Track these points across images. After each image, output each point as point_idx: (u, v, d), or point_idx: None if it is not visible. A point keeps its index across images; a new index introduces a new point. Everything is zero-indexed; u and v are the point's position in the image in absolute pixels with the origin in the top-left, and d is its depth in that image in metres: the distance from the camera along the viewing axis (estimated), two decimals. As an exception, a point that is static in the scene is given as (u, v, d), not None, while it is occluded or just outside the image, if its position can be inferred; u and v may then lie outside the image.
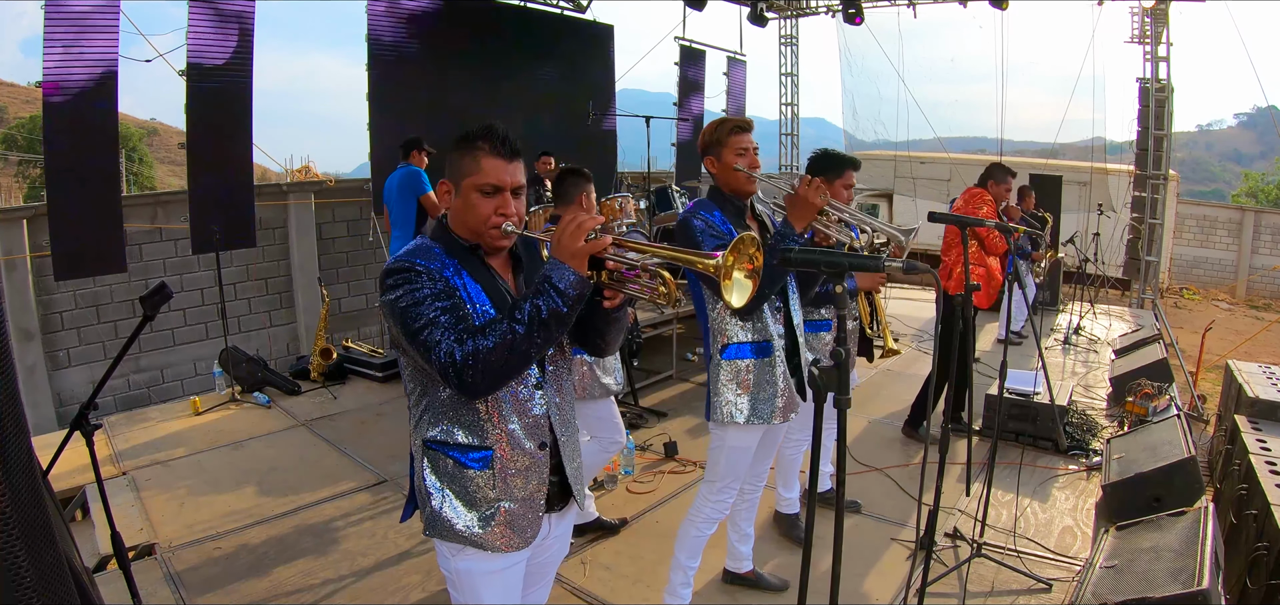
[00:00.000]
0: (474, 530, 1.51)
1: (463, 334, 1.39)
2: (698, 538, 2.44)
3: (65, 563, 1.18)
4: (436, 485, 1.53)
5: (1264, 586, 2.62)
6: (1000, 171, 4.28)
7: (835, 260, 1.57)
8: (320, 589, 2.85)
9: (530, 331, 1.37)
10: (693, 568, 2.48)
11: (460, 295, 1.47)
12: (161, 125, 40.66)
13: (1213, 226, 16.12)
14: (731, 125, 2.25)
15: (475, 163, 1.49)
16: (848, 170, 2.90)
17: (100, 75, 4.94)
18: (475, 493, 1.52)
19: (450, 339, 1.38)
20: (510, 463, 1.53)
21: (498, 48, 7.90)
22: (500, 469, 1.52)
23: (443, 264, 1.49)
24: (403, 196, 4.98)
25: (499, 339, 1.37)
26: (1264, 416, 3.76)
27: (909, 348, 6.41)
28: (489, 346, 1.37)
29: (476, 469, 1.51)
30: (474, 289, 1.50)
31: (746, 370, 2.27)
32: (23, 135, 26.23)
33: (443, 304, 1.42)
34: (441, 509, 1.52)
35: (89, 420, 2.11)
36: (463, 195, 1.51)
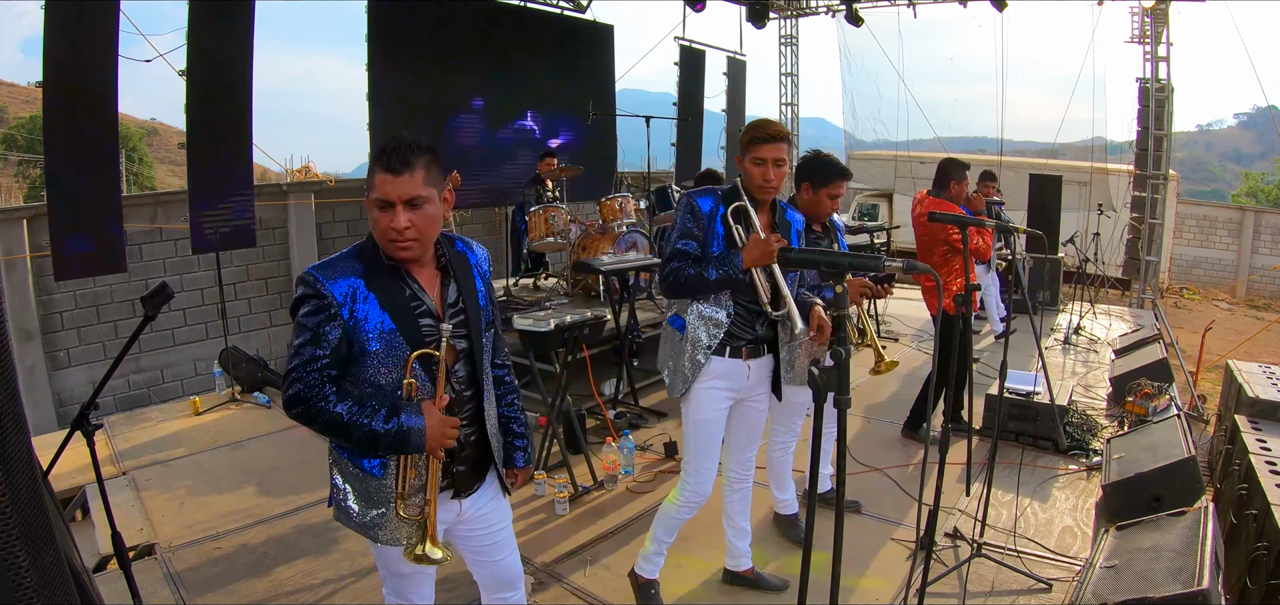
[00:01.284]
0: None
1: (309, 376, 1.53)
2: (676, 519, 2.55)
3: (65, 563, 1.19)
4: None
5: (1264, 586, 2.62)
6: (956, 168, 4.05)
7: (835, 260, 1.57)
8: (320, 589, 2.85)
9: (365, 442, 1.55)
10: (667, 542, 2.60)
11: (334, 327, 1.54)
12: (161, 125, 40.65)
13: (1213, 226, 16.12)
14: (760, 134, 2.33)
15: (371, 179, 1.55)
16: (836, 180, 2.93)
17: (100, 75, 4.94)
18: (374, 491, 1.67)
19: (293, 379, 1.54)
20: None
21: (498, 48, 7.90)
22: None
23: (352, 286, 1.56)
24: None
25: (334, 416, 1.53)
26: (1264, 416, 3.77)
27: (908, 348, 6.41)
28: (327, 412, 1.52)
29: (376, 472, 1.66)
30: (371, 312, 1.57)
31: (671, 338, 2.44)
32: (23, 135, 26.21)
33: (308, 337, 1.54)
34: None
35: (89, 420, 2.11)
36: (368, 211, 1.58)
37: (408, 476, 1.62)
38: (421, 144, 1.55)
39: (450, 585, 2.75)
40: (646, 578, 2.66)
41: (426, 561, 1.57)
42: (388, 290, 1.58)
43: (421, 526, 1.59)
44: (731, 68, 11.08)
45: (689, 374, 2.37)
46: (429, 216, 1.55)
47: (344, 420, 1.51)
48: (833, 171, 2.94)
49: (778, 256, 2.27)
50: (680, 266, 2.32)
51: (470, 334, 1.69)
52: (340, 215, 8.36)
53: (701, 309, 2.37)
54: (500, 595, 1.92)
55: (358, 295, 1.56)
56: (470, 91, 7.67)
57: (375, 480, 1.64)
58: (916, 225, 4.08)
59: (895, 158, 12.12)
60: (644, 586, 2.66)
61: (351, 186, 8.69)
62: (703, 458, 2.45)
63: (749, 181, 2.35)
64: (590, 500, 3.56)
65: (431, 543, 1.58)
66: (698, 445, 2.44)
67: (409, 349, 1.58)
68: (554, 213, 5.28)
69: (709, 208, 2.35)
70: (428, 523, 1.59)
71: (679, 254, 2.33)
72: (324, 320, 1.53)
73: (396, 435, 1.52)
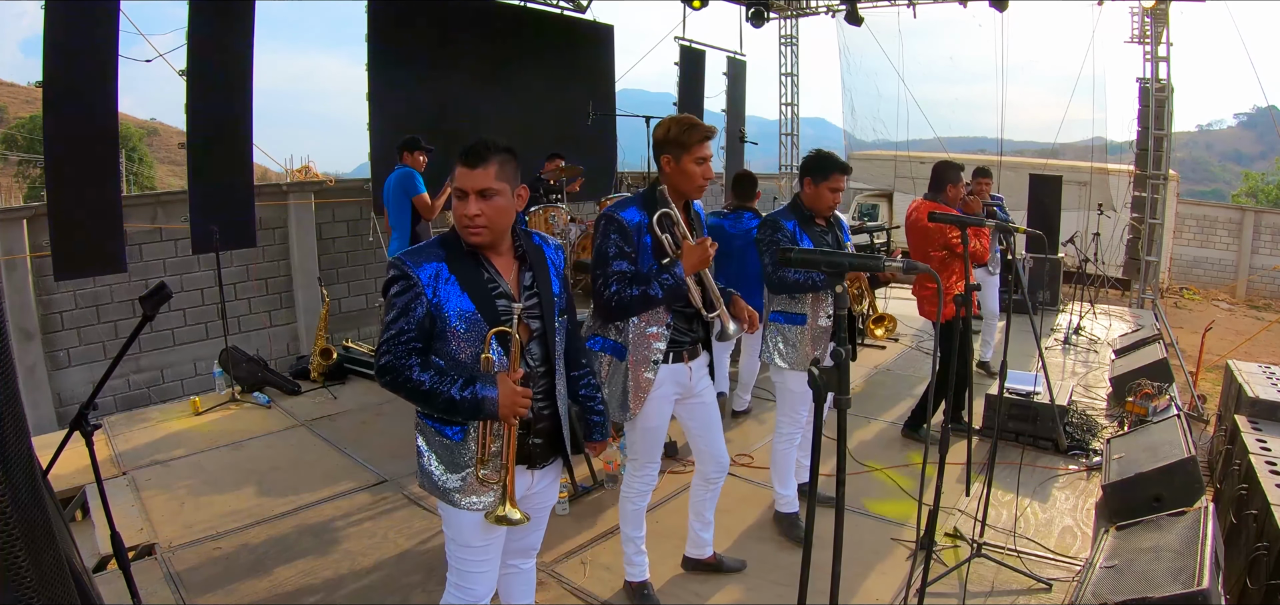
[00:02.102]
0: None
1: (397, 348, 1.72)
2: (636, 511, 2.61)
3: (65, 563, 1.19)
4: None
5: (1264, 586, 2.62)
6: (951, 171, 4.01)
7: (835, 260, 1.58)
8: (320, 589, 2.85)
9: (445, 407, 1.72)
10: (640, 537, 2.66)
11: (420, 304, 1.73)
12: (161, 125, 40.64)
13: (1213, 226, 16.11)
14: (701, 133, 2.32)
15: (454, 171, 1.77)
16: (835, 174, 3.01)
17: (100, 75, 4.93)
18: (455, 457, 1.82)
19: (384, 350, 1.72)
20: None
21: (498, 48, 7.89)
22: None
23: (436, 268, 1.75)
24: (397, 197, 4.98)
25: (417, 383, 1.70)
26: (1264, 416, 3.76)
27: (909, 347, 6.41)
28: (411, 380, 1.70)
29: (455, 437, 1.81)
30: (453, 293, 1.75)
31: (605, 364, 2.41)
32: (23, 135, 26.20)
33: (400, 316, 1.72)
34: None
35: (89, 420, 2.10)
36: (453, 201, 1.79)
37: (487, 443, 1.78)
38: (499, 145, 1.77)
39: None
40: (637, 581, 2.69)
41: (506, 522, 1.73)
42: (468, 274, 1.77)
43: (500, 490, 1.76)
44: (731, 68, 11.07)
45: (642, 391, 2.38)
46: (500, 208, 1.76)
47: (426, 388, 1.69)
48: (831, 165, 3.00)
49: (779, 256, 2.28)
50: (621, 289, 2.28)
51: (543, 316, 1.86)
52: (340, 215, 8.35)
53: (641, 326, 2.37)
54: (516, 562, 2.08)
55: (441, 277, 1.75)
56: (470, 91, 7.67)
57: (456, 446, 1.80)
58: (910, 233, 4.05)
59: (895, 158, 12.12)
60: (637, 589, 2.69)
61: (352, 186, 8.68)
62: (650, 458, 2.57)
63: (687, 182, 2.34)
64: (590, 500, 3.56)
65: (511, 505, 1.74)
66: (646, 448, 2.54)
67: (487, 326, 1.76)
68: (554, 213, 5.27)
69: (636, 220, 2.32)
70: (506, 487, 1.75)
71: (618, 276, 2.28)
72: (411, 299, 1.72)
73: (472, 402, 1.69)
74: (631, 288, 2.28)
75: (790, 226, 3.01)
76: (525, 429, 1.83)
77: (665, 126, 2.36)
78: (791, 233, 3.00)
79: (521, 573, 2.11)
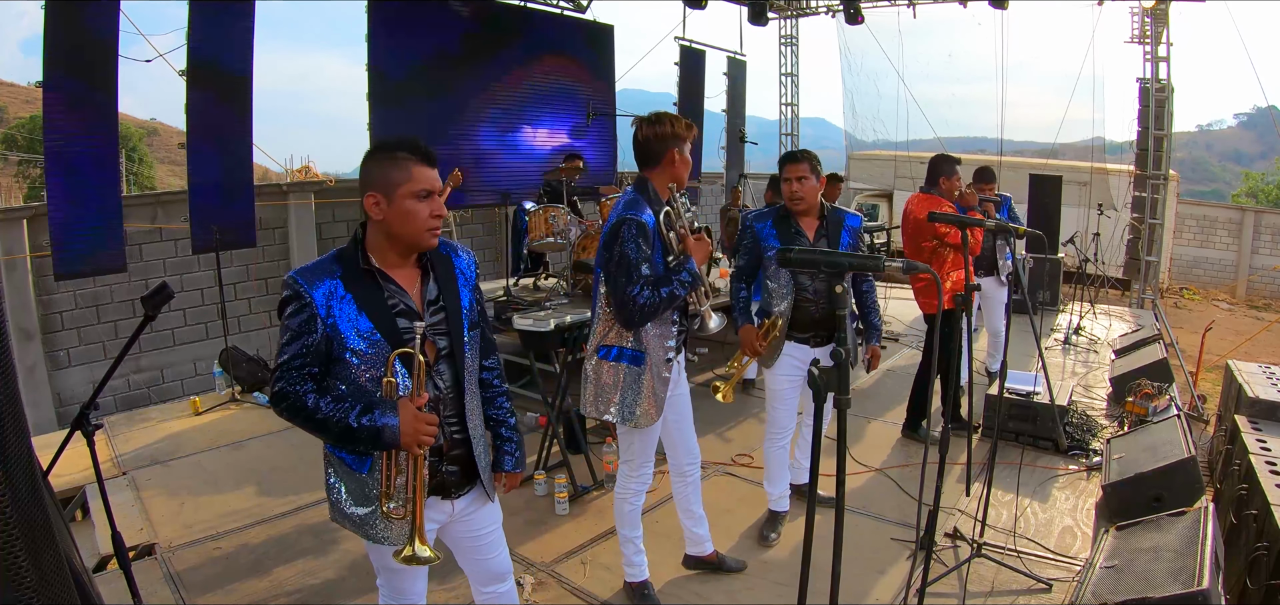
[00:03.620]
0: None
1: (290, 373, 1.59)
2: (632, 511, 2.62)
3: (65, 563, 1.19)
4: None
5: (1264, 586, 2.62)
6: (946, 164, 4.03)
7: (835, 260, 1.58)
8: (320, 589, 2.85)
9: (342, 438, 1.60)
10: (637, 537, 2.66)
11: (319, 327, 1.59)
12: (161, 125, 40.61)
13: (1213, 226, 16.11)
14: (688, 126, 2.40)
15: (406, 172, 1.61)
16: (787, 165, 2.92)
17: (100, 75, 4.93)
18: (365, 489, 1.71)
19: (277, 377, 1.60)
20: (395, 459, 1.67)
21: (498, 47, 7.89)
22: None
23: (330, 286, 1.61)
24: None
25: (311, 411, 1.58)
26: (1264, 416, 3.76)
27: (909, 348, 6.41)
28: (305, 408, 1.58)
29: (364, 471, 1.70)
30: (349, 312, 1.61)
31: (617, 372, 2.42)
32: (23, 135, 26.18)
33: (293, 341, 1.60)
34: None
35: (89, 420, 2.11)
36: (396, 203, 1.61)
37: (392, 475, 1.64)
38: None
39: (449, 585, 2.75)
40: (637, 581, 2.68)
41: (415, 562, 1.58)
42: (365, 291, 1.63)
43: (410, 525, 1.60)
44: (731, 68, 11.07)
45: (660, 394, 2.41)
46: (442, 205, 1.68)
47: (320, 416, 1.57)
48: (783, 159, 2.99)
49: (779, 256, 2.29)
50: (651, 294, 2.28)
51: (451, 333, 1.71)
52: (340, 215, 8.35)
53: (658, 329, 2.39)
54: (490, 588, 1.95)
55: (335, 295, 1.61)
56: (470, 91, 7.66)
57: (363, 477, 1.68)
58: (904, 227, 4.09)
59: (895, 158, 12.12)
60: (637, 589, 2.68)
61: (351, 186, 8.67)
62: (646, 459, 2.58)
63: (674, 176, 2.39)
64: (590, 500, 3.56)
65: (420, 542, 1.59)
66: (643, 449, 2.56)
67: (389, 348, 1.62)
68: (554, 213, 5.26)
69: (652, 221, 2.33)
70: (416, 522, 1.60)
71: (645, 280, 2.27)
72: (305, 321, 1.58)
73: (371, 431, 1.56)
74: (658, 290, 2.29)
75: (759, 227, 2.99)
76: (437, 456, 1.70)
77: (671, 121, 2.38)
78: (760, 234, 2.99)
79: (501, 597, 1.97)
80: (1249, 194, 27.94)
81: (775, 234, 2.95)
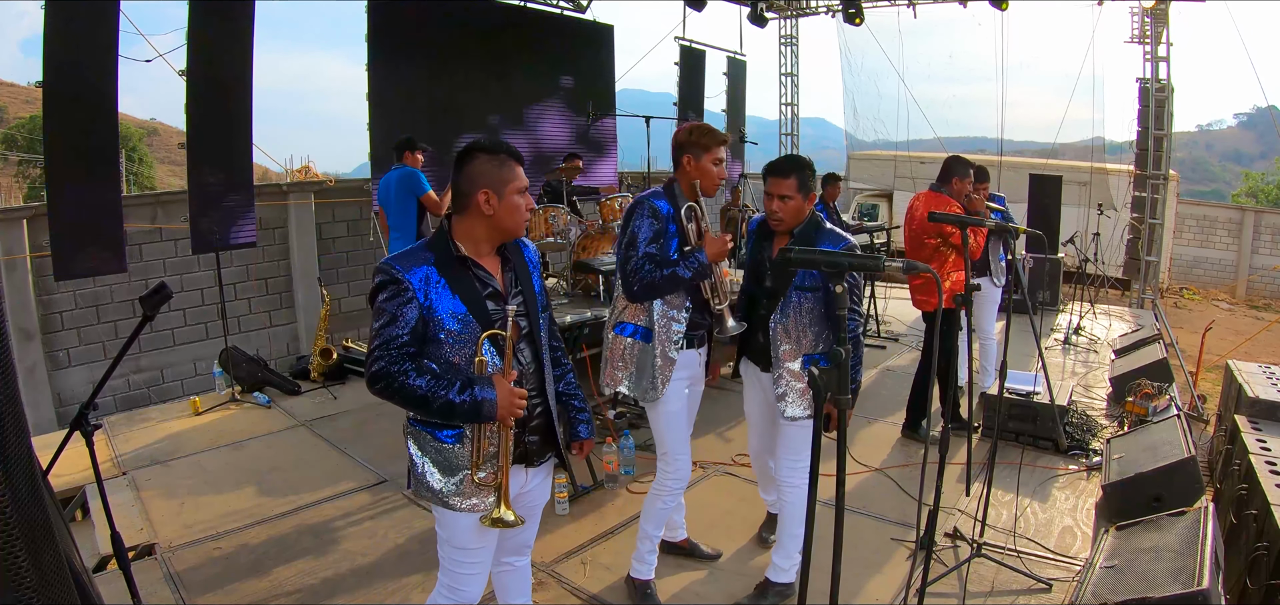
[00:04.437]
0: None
1: (391, 353, 1.70)
2: (663, 510, 2.64)
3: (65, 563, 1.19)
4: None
5: (1264, 586, 2.62)
6: (960, 166, 4.00)
7: (835, 260, 1.58)
8: (320, 589, 2.85)
9: (442, 411, 1.72)
10: (657, 537, 2.69)
11: (411, 308, 1.71)
12: (161, 125, 40.65)
13: (1213, 226, 16.11)
14: (719, 136, 2.49)
15: (514, 172, 1.80)
16: (769, 177, 2.54)
17: (100, 75, 4.93)
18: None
19: (376, 357, 1.71)
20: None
21: (498, 48, 7.89)
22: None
23: (426, 272, 1.74)
24: (401, 197, 4.98)
25: (413, 388, 1.70)
26: (1264, 416, 3.76)
27: (909, 348, 6.41)
28: (407, 386, 1.70)
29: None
30: (444, 296, 1.75)
31: (630, 348, 2.52)
32: (23, 135, 26.20)
33: (391, 323, 1.71)
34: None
35: (89, 420, 2.10)
36: (505, 199, 1.79)
37: (483, 446, 1.79)
38: None
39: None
40: (642, 579, 2.69)
41: (501, 524, 1.73)
42: (457, 277, 1.77)
43: (496, 492, 1.77)
44: (731, 68, 11.07)
45: (665, 373, 2.48)
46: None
47: (422, 392, 1.69)
48: (765, 171, 2.66)
49: (779, 256, 2.30)
50: (652, 269, 2.39)
51: (529, 314, 1.89)
52: (340, 215, 8.36)
53: (665, 309, 2.47)
54: (510, 559, 2.09)
55: (431, 280, 1.74)
56: (470, 91, 7.66)
57: (451, 449, 1.80)
58: (906, 224, 4.09)
59: (895, 158, 12.12)
60: (640, 587, 2.69)
61: (351, 186, 8.69)
62: (680, 445, 2.59)
63: (705, 182, 2.48)
64: (590, 500, 3.56)
65: (506, 506, 1.74)
66: (673, 435, 2.57)
67: (480, 329, 1.77)
68: (554, 213, 5.26)
69: (667, 210, 2.45)
70: (502, 489, 1.76)
71: (646, 257, 2.40)
72: (403, 303, 1.70)
73: (471, 405, 1.70)
74: (660, 269, 2.39)
75: (751, 231, 2.84)
76: (520, 428, 1.84)
77: (688, 130, 2.52)
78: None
79: (517, 570, 2.11)
80: (1249, 194, 27.94)
81: (753, 239, 2.73)
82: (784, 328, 2.47)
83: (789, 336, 2.48)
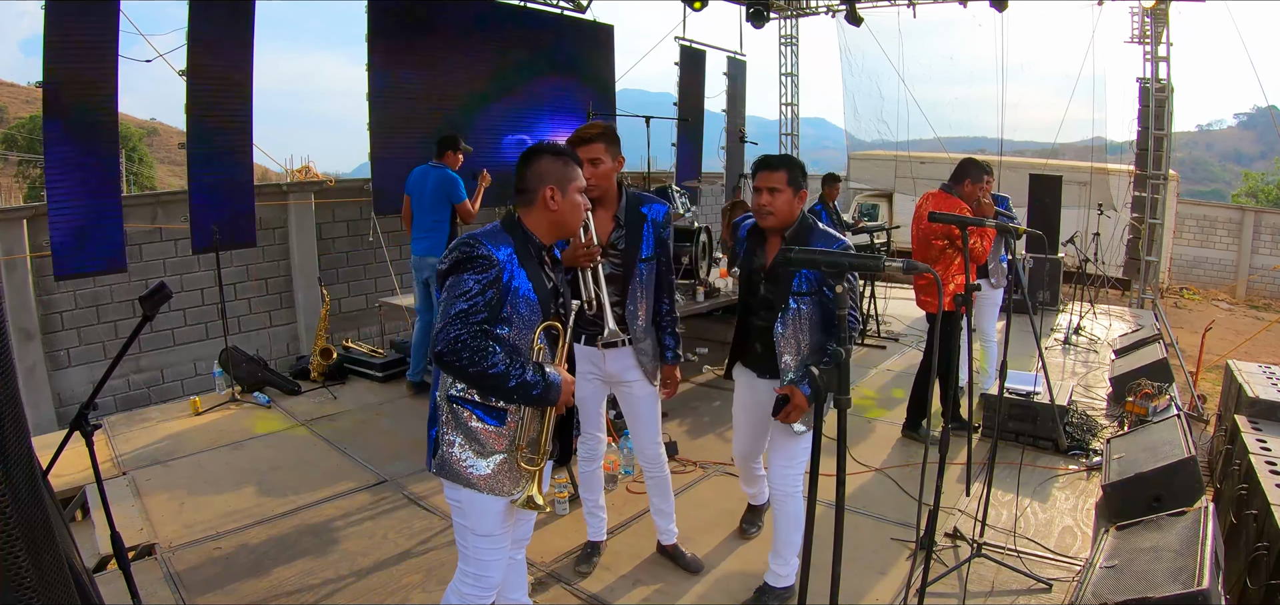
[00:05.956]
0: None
1: (471, 326, 1.73)
2: (585, 474, 2.91)
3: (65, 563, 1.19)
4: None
5: (1264, 586, 2.62)
6: (974, 169, 3.95)
7: (835, 260, 1.58)
8: (320, 589, 2.85)
9: (517, 390, 1.77)
10: (591, 500, 2.96)
11: (493, 287, 1.76)
12: (161, 125, 40.64)
13: (1213, 226, 16.12)
14: (577, 138, 2.49)
15: (576, 172, 1.92)
16: (760, 172, 2.49)
17: (100, 75, 4.93)
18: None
19: (456, 327, 1.72)
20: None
21: (498, 48, 7.89)
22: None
23: (509, 252, 1.81)
24: (436, 199, 4.93)
25: (503, 370, 1.74)
26: (1264, 416, 3.76)
27: (909, 348, 6.41)
28: (486, 359, 1.72)
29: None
30: (525, 285, 1.82)
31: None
32: (23, 135, 26.20)
33: (478, 294, 1.75)
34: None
35: (89, 420, 2.10)
36: (568, 197, 1.89)
37: (527, 429, 1.84)
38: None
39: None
40: (592, 540, 2.99)
41: (531, 505, 1.79)
42: (533, 266, 1.86)
43: (531, 477, 1.83)
44: (731, 68, 11.07)
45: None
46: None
47: (501, 369, 1.72)
48: (755, 166, 2.60)
49: (779, 256, 2.28)
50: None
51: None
52: (340, 215, 8.35)
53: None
54: (511, 553, 2.08)
55: (514, 262, 1.81)
56: (470, 91, 7.66)
57: (494, 431, 1.83)
58: (914, 225, 4.08)
59: (895, 158, 12.12)
60: (588, 548, 3.00)
61: (352, 186, 8.68)
62: (586, 427, 2.80)
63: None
64: (590, 500, 3.55)
65: (538, 489, 1.80)
66: (581, 417, 2.75)
67: (544, 318, 1.86)
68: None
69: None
70: (537, 473, 1.82)
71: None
72: (489, 280, 1.76)
73: (544, 387, 1.77)
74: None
75: (739, 230, 2.78)
76: (563, 422, 1.95)
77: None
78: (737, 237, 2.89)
79: (516, 564, 2.14)
80: (1249, 194, 27.95)
81: (746, 245, 2.65)
82: (785, 337, 2.41)
83: (790, 345, 2.42)
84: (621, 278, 2.53)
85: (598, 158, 2.42)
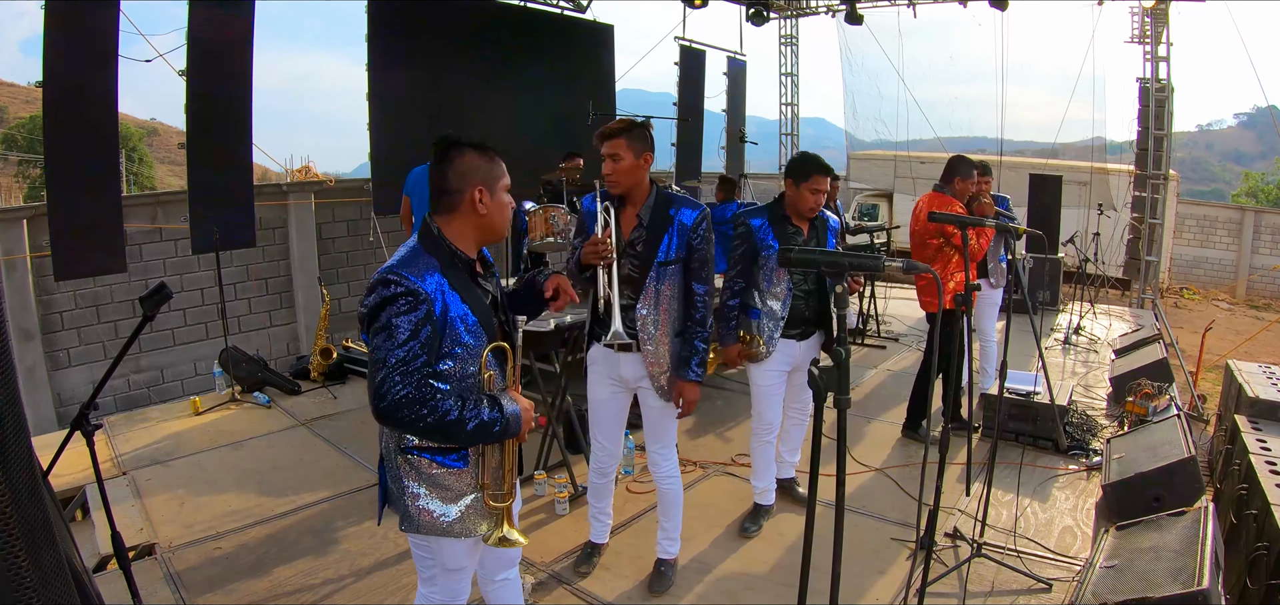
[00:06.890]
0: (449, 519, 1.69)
1: (412, 375, 1.52)
2: (592, 486, 2.90)
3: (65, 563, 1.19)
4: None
5: (1264, 586, 2.62)
6: (963, 166, 3.98)
7: (835, 260, 1.58)
8: (320, 589, 2.85)
9: (476, 433, 1.57)
10: (597, 507, 2.95)
11: (427, 324, 1.54)
12: (161, 125, 40.67)
13: (1213, 226, 16.11)
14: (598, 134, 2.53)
15: (502, 168, 1.71)
16: (815, 175, 2.90)
17: (100, 75, 4.93)
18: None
19: (396, 381, 1.51)
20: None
21: (498, 48, 7.89)
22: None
23: (438, 280, 1.58)
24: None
25: (457, 416, 1.54)
26: (1264, 416, 3.76)
27: (909, 348, 6.41)
28: (438, 410, 1.52)
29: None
30: (461, 309, 1.61)
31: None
32: (23, 135, 26.22)
33: (410, 338, 1.52)
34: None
35: (89, 420, 2.10)
36: (498, 197, 1.69)
37: (489, 465, 1.68)
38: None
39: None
40: (593, 542, 2.98)
41: (507, 544, 1.65)
42: (464, 284, 1.64)
43: (499, 514, 1.68)
44: (731, 68, 11.07)
45: (588, 368, 2.69)
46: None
47: (455, 417, 1.52)
48: (811, 167, 2.92)
49: (779, 256, 2.30)
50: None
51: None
52: (340, 215, 8.36)
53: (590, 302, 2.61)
54: (502, 576, 1.97)
55: (443, 288, 1.58)
56: (470, 91, 7.66)
57: (458, 475, 1.66)
58: (912, 225, 4.08)
59: (895, 158, 12.11)
60: (586, 547, 2.99)
61: (351, 186, 8.69)
62: (597, 433, 2.75)
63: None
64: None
65: (510, 525, 1.67)
66: (592, 421, 2.76)
67: (489, 340, 1.65)
68: (553, 213, 5.26)
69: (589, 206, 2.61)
70: (506, 509, 1.68)
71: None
72: (419, 320, 1.51)
73: (503, 423, 1.58)
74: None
75: (757, 223, 3.00)
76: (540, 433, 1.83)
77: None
78: (757, 230, 2.99)
79: (510, 582, 2.00)
80: (1249, 194, 27.96)
81: (773, 233, 2.97)
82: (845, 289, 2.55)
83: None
84: (637, 280, 2.46)
85: (617, 153, 2.38)
